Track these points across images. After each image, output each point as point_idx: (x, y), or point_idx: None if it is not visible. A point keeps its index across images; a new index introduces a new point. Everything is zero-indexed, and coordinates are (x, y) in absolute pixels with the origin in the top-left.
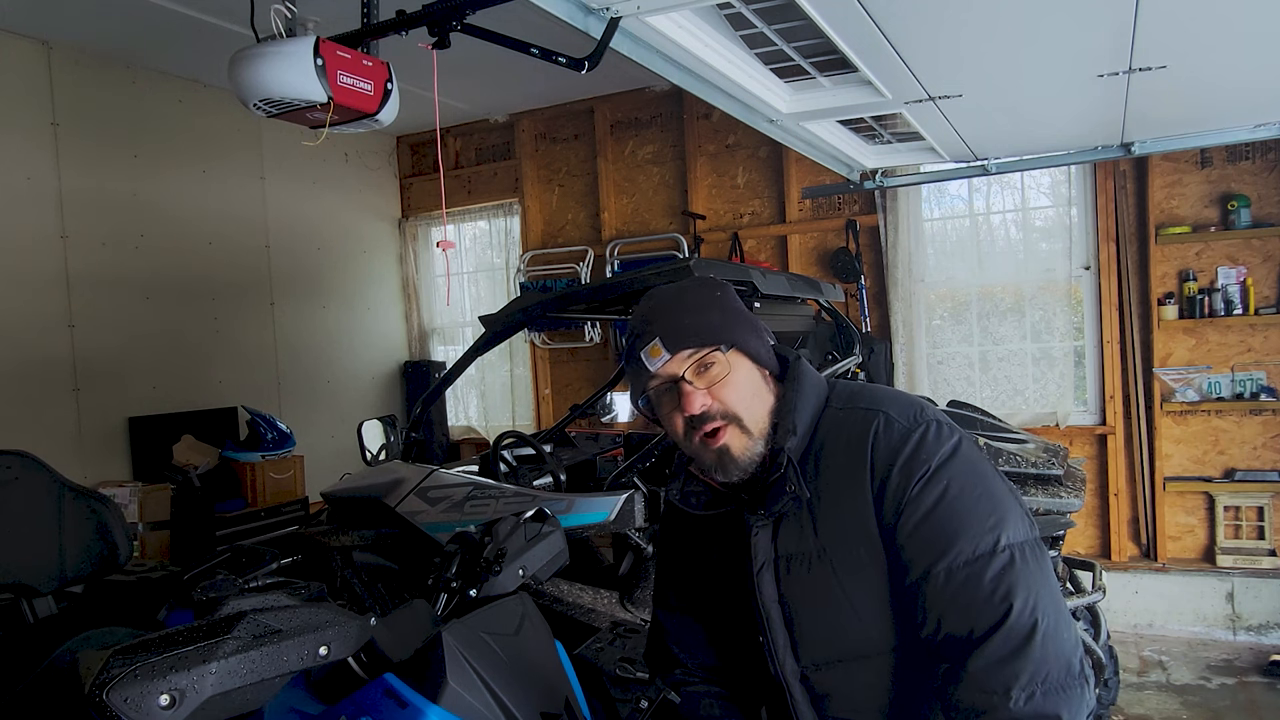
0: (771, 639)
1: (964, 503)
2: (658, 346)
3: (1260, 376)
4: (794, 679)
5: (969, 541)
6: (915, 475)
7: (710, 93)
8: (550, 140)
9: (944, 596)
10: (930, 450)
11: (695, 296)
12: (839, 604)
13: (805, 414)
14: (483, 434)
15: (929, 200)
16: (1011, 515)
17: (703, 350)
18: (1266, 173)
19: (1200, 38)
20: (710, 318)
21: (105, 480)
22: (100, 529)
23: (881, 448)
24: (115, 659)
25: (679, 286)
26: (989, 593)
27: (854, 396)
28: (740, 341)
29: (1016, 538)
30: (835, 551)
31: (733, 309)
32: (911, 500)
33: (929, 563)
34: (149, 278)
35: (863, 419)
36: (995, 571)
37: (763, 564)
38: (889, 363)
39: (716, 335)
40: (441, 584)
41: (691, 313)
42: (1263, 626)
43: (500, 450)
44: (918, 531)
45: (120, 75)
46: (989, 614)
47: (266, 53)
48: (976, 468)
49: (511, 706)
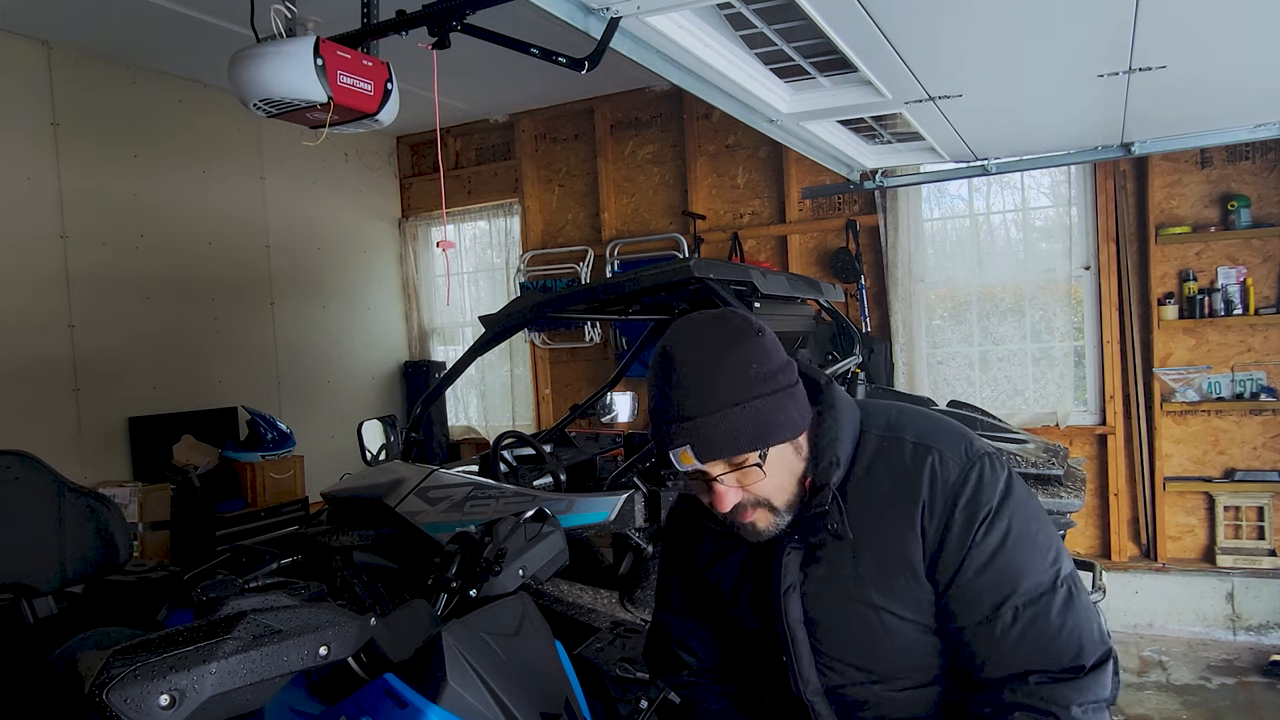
0: (796, 659)
1: (1025, 543)
2: (688, 454)
3: (1260, 376)
4: (817, 697)
5: (1033, 579)
6: (978, 518)
7: (710, 93)
8: (550, 140)
9: (1011, 635)
10: (990, 492)
11: (726, 379)
12: (872, 629)
13: (846, 444)
14: (483, 434)
15: (929, 200)
16: (1059, 545)
17: (739, 460)
18: (1266, 173)
19: (1200, 38)
20: (746, 418)
21: (105, 480)
22: (100, 529)
23: (940, 489)
24: (115, 659)
25: (705, 353)
26: (1056, 630)
27: (894, 426)
28: (777, 437)
29: (1067, 568)
30: (875, 580)
31: (768, 391)
32: (977, 544)
33: (996, 602)
34: (149, 278)
35: (913, 455)
36: (1059, 608)
37: (790, 586)
38: (889, 363)
39: (753, 443)
40: (441, 584)
41: (724, 415)
42: (1263, 626)
43: (500, 450)
44: (983, 574)
45: (120, 75)
46: (1058, 650)
47: (266, 53)
48: (1029, 502)
49: (511, 706)
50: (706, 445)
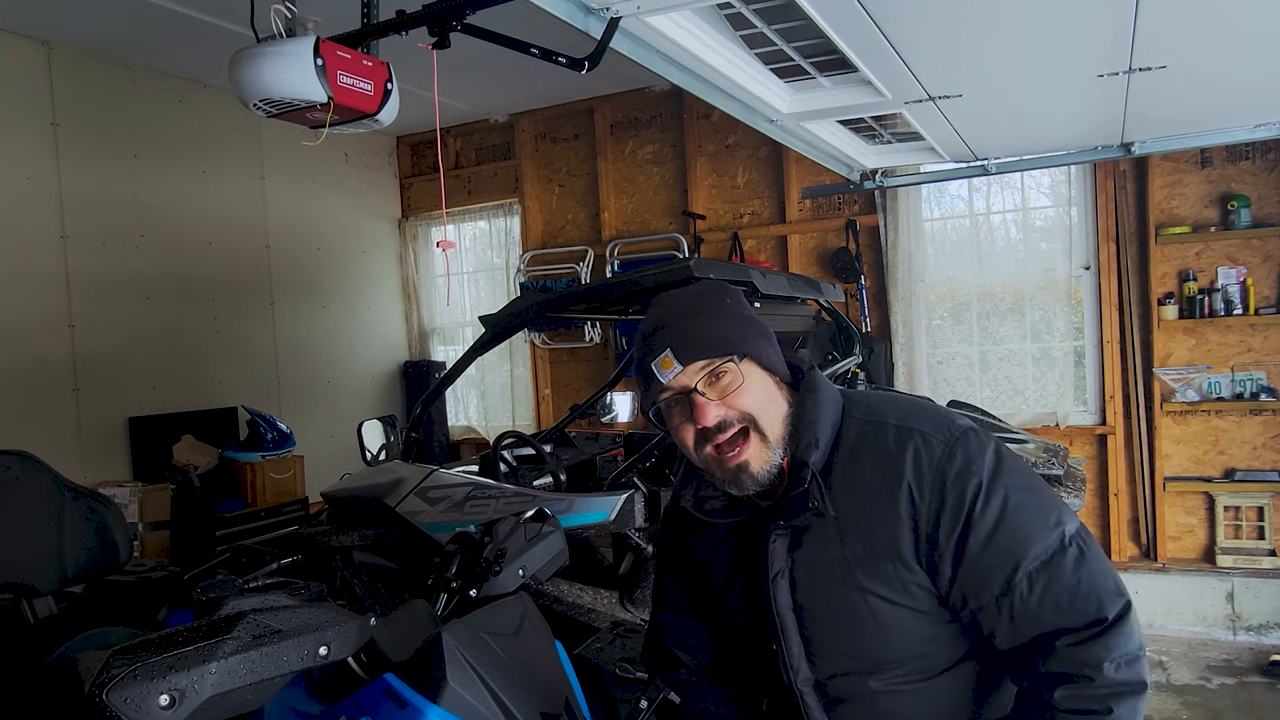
0: (785, 647)
1: (1025, 510)
2: (669, 358)
3: (1260, 376)
4: (807, 687)
5: (1041, 544)
6: (970, 494)
7: (710, 93)
8: (550, 140)
9: (1031, 603)
10: (977, 465)
11: (705, 304)
12: (861, 615)
13: (826, 426)
14: (483, 434)
15: (929, 200)
16: (1059, 505)
17: (715, 361)
18: (1266, 173)
19: (1200, 38)
20: (722, 327)
21: (105, 480)
22: (100, 529)
23: (926, 469)
24: (115, 659)
25: (687, 293)
26: (1073, 589)
27: (875, 410)
28: (753, 350)
29: (1073, 527)
30: (861, 565)
31: (744, 316)
32: (976, 519)
33: (1008, 575)
34: (149, 278)
35: (896, 437)
36: (1071, 567)
37: (778, 572)
38: (889, 363)
39: (729, 345)
40: (441, 584)
41: (702, 323)
42: (1263, 626)
43: (500, 450)
44: (989, 547)
45: (120, 75)
46: (1080, 607)
47: (266, 53)
48: (1020, 470)
49: (511, 706)
50: (685, 346)
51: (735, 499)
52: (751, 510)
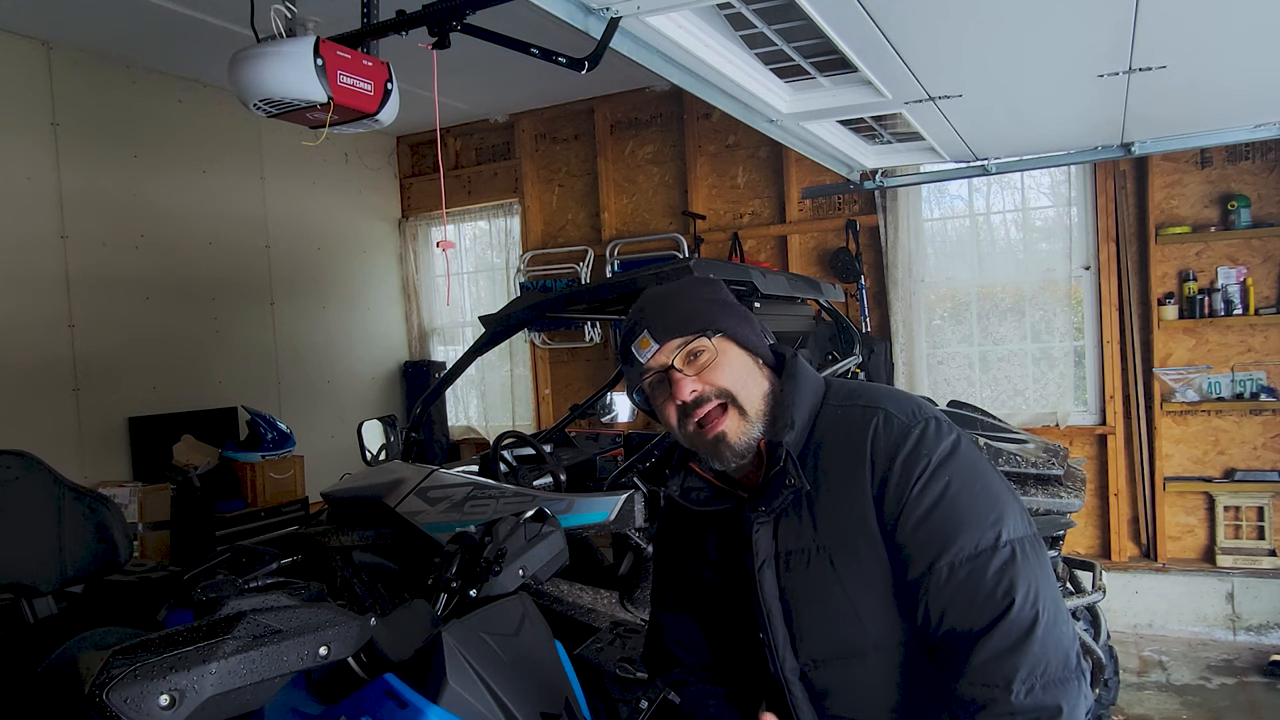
0: (772, 636)
1: (965, 499)
2: (646, 338)
3: (1260, 376)
4: (794, 676)
5: (971, 537)
6: (915, 472)
7: (710, 93)
8: (550, 140)
9: (946, 591)
10: (930, 447)
11: (683, 291)
12: (838, 600)
13: (803, 409)
14: (483, 434)
15: (929, 200)
16: (1011, 511)
17: (690, 338)
18: (1266, 173)
19: (1200, 38)
20: (697, 308)
21: (105, 480)
22: (100, 529)
23: (881, 444)
24: (115, 659)
25: (672, 284)
26: (991, 587)
27: (852, 394)
28: (727, 328)
29: (1017, 533)
30: (834, 547)
31: (721, 300)
32: (913, 498)
33: (931, 558)
34: (149, 278)
35: (861, 416)
36: (997, 566)
37: (764, 560)
38: (889, 363)
39: (703, 322)
40: (441, 584)
41: (678, 304)
42: (1263, 626)
43: (500, 450)
44: (920, 528)
45: (120, 75)
46: (990, 608)
47: (266, 53)
48: (976, 465)
49: (511, 706)
50: (660, 326)
51: (719, 489)
52: (735, 500)
